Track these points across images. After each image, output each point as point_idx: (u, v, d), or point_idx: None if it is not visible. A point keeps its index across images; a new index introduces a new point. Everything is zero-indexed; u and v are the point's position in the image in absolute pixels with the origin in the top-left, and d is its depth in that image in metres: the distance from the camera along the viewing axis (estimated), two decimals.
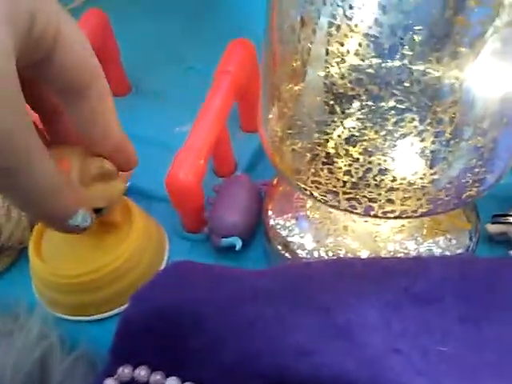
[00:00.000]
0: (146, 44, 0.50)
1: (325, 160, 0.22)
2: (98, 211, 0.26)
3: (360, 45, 0.17)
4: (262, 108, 0.25)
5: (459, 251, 0.31)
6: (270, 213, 0.33)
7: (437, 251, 0.30)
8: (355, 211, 0.23)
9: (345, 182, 0.22)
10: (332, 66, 0.18)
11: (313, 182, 0.23)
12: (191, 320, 0.27)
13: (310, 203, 0.32)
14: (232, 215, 0.34)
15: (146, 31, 0.50)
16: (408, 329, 0.25)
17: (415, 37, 0.17)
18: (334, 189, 0.22)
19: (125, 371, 0.28)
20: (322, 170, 0.22)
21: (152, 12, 0.53)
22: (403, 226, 0.30)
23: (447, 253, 0.30)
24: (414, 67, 0.18)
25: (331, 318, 0.25)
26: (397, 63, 0.18)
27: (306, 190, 0.24)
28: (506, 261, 0.31)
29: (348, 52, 0.17)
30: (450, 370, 0.23)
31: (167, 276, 0.29)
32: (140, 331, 0.28)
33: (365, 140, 0.20)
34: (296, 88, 0.21)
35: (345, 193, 0.22)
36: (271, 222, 0.33)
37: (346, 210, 0.23)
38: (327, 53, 0.18)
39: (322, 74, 0.19)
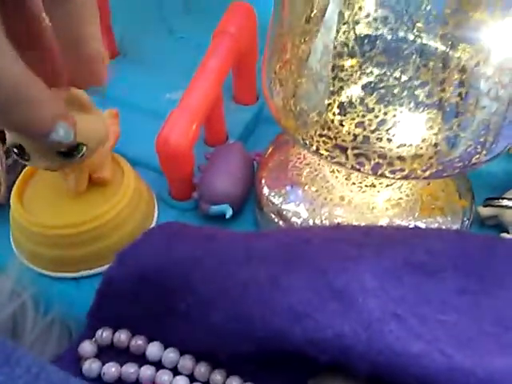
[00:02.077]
0: (139, 11, 0.48)
1: (337, 110, 0.21)
2: (76, 150, 0.25)
3: None
4: (269, 57, 0.24)
5: (454, 228, 0.30)
6: (263, 181, 0.32)
7: (433, 227, 0.30)
8: (362, 169, 0.22)
9: (355, 136, 0.21)
10: (357, 6, 0.17)
11: (320, 135, 0.22)
12: (179, 282, 0.26)
13: (306, 172, 0.31)
14: (223, 182, 0.32)
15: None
16: (406, 296, 0.24)
17: None
18: (343, 143, 0.22)
19: (104, 334, 0.27)
20: (332, 121, 0.21)
21: None
22: (400, 199, 0.30)
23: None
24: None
25: (328, 280, 0.24)
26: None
27: (311, 145, 0.23)
28: (499, 239, 0.30)
29: None
30: (449, 337, 0.22)
31: (156, 235, 0.27)
32: (123, 293, 0.26)
33: (383, 87, 0.19)
34: (314, 29, 0.20)
35: (354, 148, 0.21)
36: (264, 190, 0.31)
37: (352, 168, 0.22)
38: None
39: (345, 10, 0.18)
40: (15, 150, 0.25)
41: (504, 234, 0.33)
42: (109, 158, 0.31)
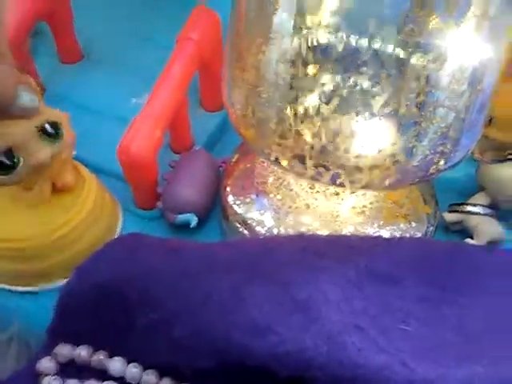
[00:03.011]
0: (103, 12, 0.47)
1: (293, 122, 0.20)
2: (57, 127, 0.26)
3: None
4: (228, 65, 0.24)
5: (418, 235, 0.30)
6: (228, 189, 0.31)
7: (397, 235, 0.30)
8: (321, 179, 0.22)
9: (313, 146, 0.21)
10: (311, 14, 0.17)
11: (279, 145, 0.22)
12: (141, 295, 0.25)
13: (271, 180, 0.31)
14: (188, 191, 0.32)
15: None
16: (369, 307, 0.24)
17: None
18: (301, 153, 0.21)
19: (63, 351, 0.26)
20: (290, 131, 0.21)
21: None
22: (365, 206, 0.30)
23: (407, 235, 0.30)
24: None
25: (290, 292, 0.23)
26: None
27: (270, 155, 0.22)
28: (461, 246, 0.31)
29: None
30: (411, 348, 0.22)
31: (116, 247, 0.27)
32: (82, 307, 0.26)
33: (338, 96, 0.19)
34: (268, 39, 0.19)
35: (312, 158, 0.21)
36: (229, 199, 0.31)
37: (312, 179, 0.22)
38: None
39: (298, 19, 0.18)
40: (2, 160, 0.25)
41: (468, 240, 0.33)
42: (70, 163, 0.30)
